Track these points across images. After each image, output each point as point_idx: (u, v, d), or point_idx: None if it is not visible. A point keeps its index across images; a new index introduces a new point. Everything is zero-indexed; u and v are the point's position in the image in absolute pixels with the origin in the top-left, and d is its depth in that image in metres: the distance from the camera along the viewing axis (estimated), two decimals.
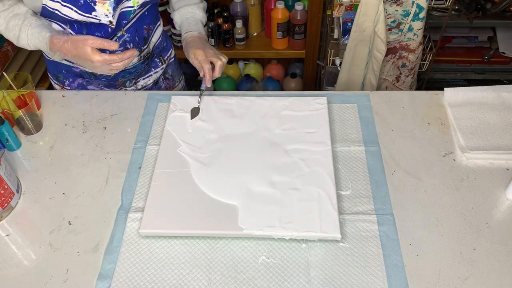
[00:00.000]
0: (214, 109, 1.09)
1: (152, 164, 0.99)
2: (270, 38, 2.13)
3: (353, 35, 1.63)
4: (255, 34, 2.20)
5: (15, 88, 1.09)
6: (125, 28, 1.07)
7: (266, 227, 0.85)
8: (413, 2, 1.56)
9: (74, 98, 1.17)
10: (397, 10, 1.60)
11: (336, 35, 1.83)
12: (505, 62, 2.08)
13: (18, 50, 1.89)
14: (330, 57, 1.81)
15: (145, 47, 1.15)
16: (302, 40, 2.06)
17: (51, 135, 1.08)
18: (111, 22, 0.98)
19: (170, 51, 1.29)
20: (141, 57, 1.16)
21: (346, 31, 1.71)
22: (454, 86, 1.11)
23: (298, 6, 1.97)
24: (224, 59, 1.07)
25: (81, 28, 1.01)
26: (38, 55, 2.01)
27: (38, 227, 0.90)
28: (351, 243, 0.85)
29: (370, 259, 0.82)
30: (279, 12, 1.98)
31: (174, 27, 2.06)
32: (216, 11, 2.09)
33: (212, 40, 2.11)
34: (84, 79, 1.18)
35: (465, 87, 1.10)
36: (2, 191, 0.89)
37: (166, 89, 1.31)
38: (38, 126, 1.09)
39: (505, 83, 2.02)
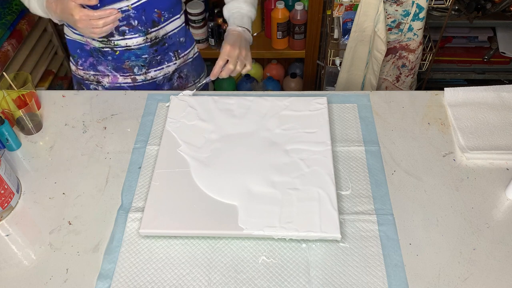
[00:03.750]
0: (214, 109, 1.09)
1: (152, 164, 0.99)
2: (270, 38, 2.13)
3: (353, 35, 1.63)
4: (255, 34, 2.20)
5: (15, 88, 1.09)
6: (132, 4, 1.06)
7: (266, 227, 0.85)
8: (413, 2, 1.56)
9: (74, 98, 1.17)
10: (397, 10, 1.60)
11: (336, 35, 1.83)
12: (505, 62, 2.08)
13: (18, 50, 1.89)
14: (330, 57, 1.81)
15: (153, 30, 1.14)
16: (302, 40, 2.06)
17: (51, 135, 1.08)
18: None
19: (189, 50, 1.28)
20: (147, 39, 1.14)
21: (346, 31, 1.71)
22: (454, 86, 1.11)
23: (298, 6, 1.97)
24: (243, 68, 1.10)
25: None
26: (38, 55, 2.01)
27: (38, 227, 0.90)
28: (351, 243, 0.85)
29: (370, 259, 0.82)
30: (279, 12, 1.99)
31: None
32: (216, 11, 2.09)
33: (212, 40, 2.12)
34: (94, 58, 1.19)
35: (465, 87, 1.10)
36: (2, 191, 0.89)
37: (178, 87, 1.30)
38: (38, 126, 1.09)
39: (505, 83, 2.02)
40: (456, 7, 1.87)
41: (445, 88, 1.12)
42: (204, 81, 1.14)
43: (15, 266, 0.84)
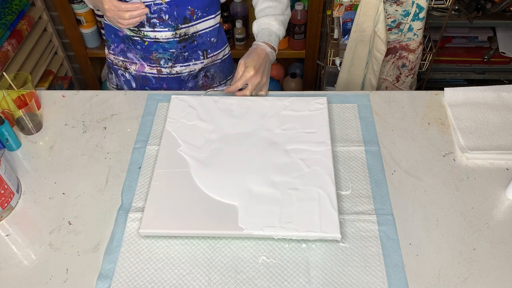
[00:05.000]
0: (214, 109, 1.09)
1: (152, 164, 0.99)
2: None
3: (353, 35, 1.63)
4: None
5: (15, 88, 1.09)
6: None
7: (266, 227, 0.85)
8: (413, 2, 1.56)
9: (74, 98, 1.17)
10: (397, 10, 1.60)
11: (336, 35, 1.83)
12: (505, 62, 2.08)
13: (18, 50, 1.89)
14: (330, 57, 1.81)
15: (183, 26, 1.14)
16: (302, 40, 2.06)
17: (51, 135, 1.08)
18: None
19: (219, 51, 1.27)
20: (176, 34, 1.14)
21: (346, 31, 1.71)
22: (454, 86, 1.11)
23: (298, 6, 1.97)
24: (257, 93, 1.12)
25: None
26: (38, 55, 2.01)
27: (38, 227, 0.90)
28: (351, 243, 0.85)
29: (370, 259, 0.82)
30: None
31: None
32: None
33: None
34: (125, 45, 1.20)
35: (465, 87, 1.10)
36: (2, 191, 0.89)
37: (203, 86, 1.30)
38: (38, 126, 1.09)
39: (505, 83, 2.02)
40: (456, 7, 1.87)
41: (445, 88, 1.12)
42: (216, 90, 1.14)
43: (15, 266, 0.84)
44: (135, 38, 1.16)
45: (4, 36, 1.79)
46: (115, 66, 1.27)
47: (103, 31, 2.11)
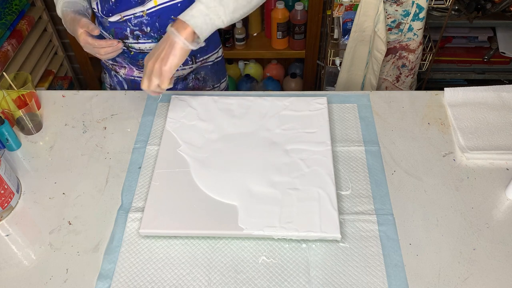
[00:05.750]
0: (214, 109, 1.09)
1: (152, 164, 0.99)
2: (270, 38, 2.13)
3: (353, 35, 1.63)
4: (255, 34, 2.20)
5: (15, 88, 1.09)
6: (147, 10, 1.03)
7: (266, 227, 0.85)
8: (413, 2, 1.56)
9: (74, 98, 1.17)
10: (397, 10, 1.60)
11: (336, 35, 1.83)
12: (505, 62, 2.08)
13: (18, 50, 1.89)
14: (330, 57, 1.81)
15: None
16: (302, 40, 2.06)
17: (51, 135, 1.08)
18: None
19: (211, 54, 1.24)
20: None
21: (346, 31, 1.71)
22: (454, 86, 1.11)
23: (298, 6, 1.97)
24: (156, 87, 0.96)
25: None
26: (38, 55, 2.01)
27: (38, 227, 0.90)
28: (351, 243, 0.85)
29: (370, 259, 0.82)
30: (279, 12, 1.99)
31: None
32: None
33: None
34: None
35: (465, 87, 1.10)
36: (2, 191, 0.89)
37: (194, 88, 1.28)
38: (38, 126, 1.09)
39: (505, 83, 2.02)
40: (456, 7, 1.87)
41: (445, 88, 1.12)
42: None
43: (15, 266, 0.84)
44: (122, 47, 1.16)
45: (4, 36, 1.79)
46: (108, 67, 1.27)
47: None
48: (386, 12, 1.59)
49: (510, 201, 0.91)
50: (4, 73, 1.11)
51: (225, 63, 1.36)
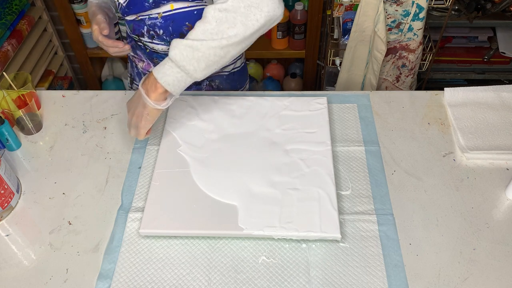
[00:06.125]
0: (214, 109, 1.09)
1: (152, 164, 0.99)
2: (270, 38, 2.13)
3: (353, 35, 1.63)
4: None
5: (15, 88, 1.09)
6: (164, 12, 1.02)
7: (266, 227, 0.85)
8: (413, 2, 1.56)
9: (74, 98, 1.17)
10: (397, 10, 1.60)
11: (336, 35, 1.83)
12: (505, 62, 2.08)
13: (18, 50, 1.89)
14: (330, 57, 1.81)
15: None
16: (302, 40, 2.06)
17: (51, 135, 1.08)
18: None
19: (228, 65, 1.20)
20: None
21: (346, 31, 1.71)
22: (454, 86, 1.11)
23: (298, 6, 1.97)
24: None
25: None
26: (38, 55, 2.01)
27: (38, 227, 0.90)
28: (351, 243, 0.85)
29: (370, 259, 0.82)
30: None
31: None
32: None
33: None
34: (135, 42, 1.19)
35: (465, 87, 1.10)
36: (2, 191, 0.89)
37: None
38: (38, 126, 1.09)
39: (505, 83, 2.02)
40: (456, 7, 1.87)
41: (445, 88, 1.12)
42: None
43: (15, 266, 0.84)
44: (139, 43, 1.16)
45: (4, 36, 1.79)
46: (130, 58, 1.25)
47: None
48: (386, 12, 1.59)
49: (510, 201, 0.91)
50: (4, 73, 1.11)
51: (247, 73, 1.32)
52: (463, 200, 0.91)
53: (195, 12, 1.04)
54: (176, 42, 0.84)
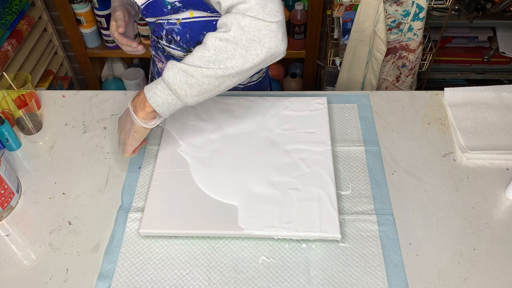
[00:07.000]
0: (214, 109, 1.09)
1: (152, 164, 0.99)
2: None
3: (353, 35, 1.63)
4: None
5: (15, 88, 1.09)
6: (183, 19, 1.01)
7: (266, 227, 0.85)
8: (413, 2, 1.56)
9: (74, 98, 1.17)
10: (397, 10, 1.60)
11: (336, 35, 1.83)
12: (505, 62, 2.08)
13: (18, 50, 1.89)
14: (330, 57, 1.81)
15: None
16: (302, 40, 2.06)
17: (51, 135, 1.08)
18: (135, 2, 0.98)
19: (253, 74, 1.15)
20: (187, 55, 1.09)
21: (346, 31, 1.71)
22: (454, 86, 1.11)
23: (298, 6, 1.97)
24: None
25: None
26: (38, 55, 2.01)
27: (38, 227, 0.90)
28: (351, 243, 0.85)
29: (370, 259, 0.82)
30: None
31: None
32: None
33: None
34: (156, 42, 1.18)
35: (465, 87, 1.11)
36: (2, 191, 0.89)
37: None
38: (38, 126, 1.09)
39: (505, 83, 2.02)
40: (456, 7, 1.87)
41: (445, 88, 1.12)
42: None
43: (15, 266, 0.84)
44: (158, 45, 1.15)
45: (4, 36, 1.79)
46: (152, 56, 1.25)
47: (103, 31, 2.11)
48: (386, 12, 1.59)
49: (510, 201, 0.91)
50: (4, 73, 1.11)
51: (267, 87, 1.28)
52: (463, 200, 0.91)
53: (214, 23, 1.01)
54: (171, 64, 0.81)
